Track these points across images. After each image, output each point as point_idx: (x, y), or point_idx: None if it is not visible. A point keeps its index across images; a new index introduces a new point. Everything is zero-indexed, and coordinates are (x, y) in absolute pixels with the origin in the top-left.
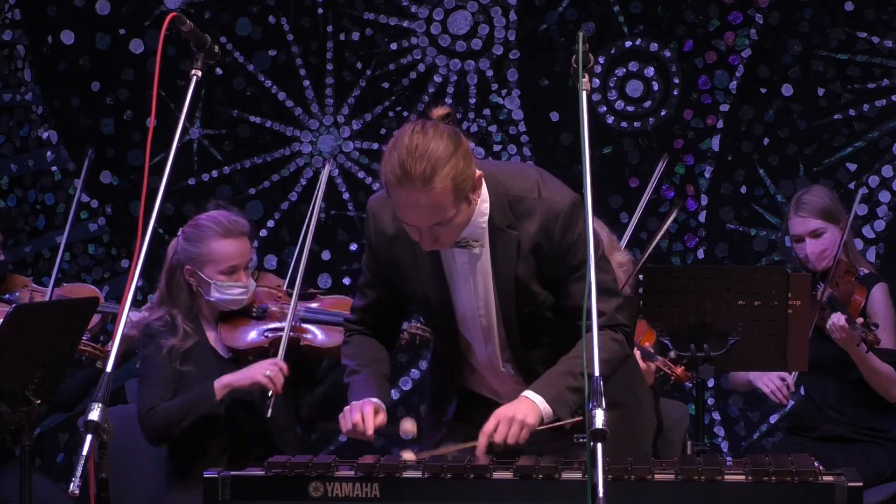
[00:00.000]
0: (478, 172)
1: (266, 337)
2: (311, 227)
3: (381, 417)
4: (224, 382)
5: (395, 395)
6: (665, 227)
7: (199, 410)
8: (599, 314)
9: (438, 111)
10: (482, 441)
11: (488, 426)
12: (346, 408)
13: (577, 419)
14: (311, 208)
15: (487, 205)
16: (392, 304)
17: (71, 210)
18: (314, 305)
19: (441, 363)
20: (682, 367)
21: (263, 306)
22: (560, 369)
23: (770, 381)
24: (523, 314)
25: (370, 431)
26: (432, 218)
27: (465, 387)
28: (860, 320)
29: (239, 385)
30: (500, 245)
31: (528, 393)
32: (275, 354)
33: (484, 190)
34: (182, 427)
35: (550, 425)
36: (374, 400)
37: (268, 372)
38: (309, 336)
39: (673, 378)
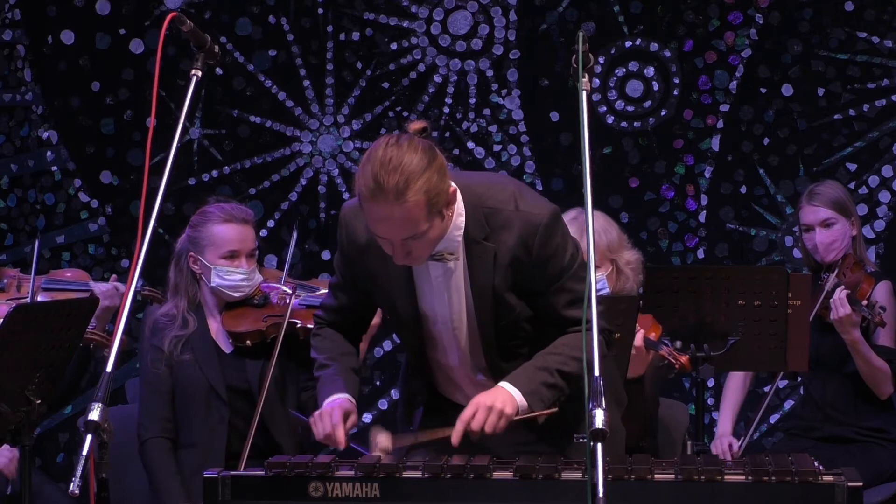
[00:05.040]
0: (452, 187)
1: (264, 321)
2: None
3: (352, 419)
4: None
5: (368, 418)
6: None
7: (154, 497)
8: (587, 322)
9: (414, 125)
10: (459, 428)
11: (466, 413)
12: (317, 413)
13: (550, 411)
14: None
15: (463, 218)
16: (361, 308)
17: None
18: (316, 294)
19: (414, 371)
20: (687, 357)
21: (265, 293)
22: (536, 364)
23: (720, 443)
24: (500, 326)
25: (342, 445)
26: (405, 232)
27: (441, 393)
28: (866, 302)
29: None
30: (476, 257)
31: (505, 384)
32: (274, 339)
33: (460, 202)
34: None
35: (524, 416)
36: (343, 398)
37: None
38: (309, 321)
39: (677, 367)
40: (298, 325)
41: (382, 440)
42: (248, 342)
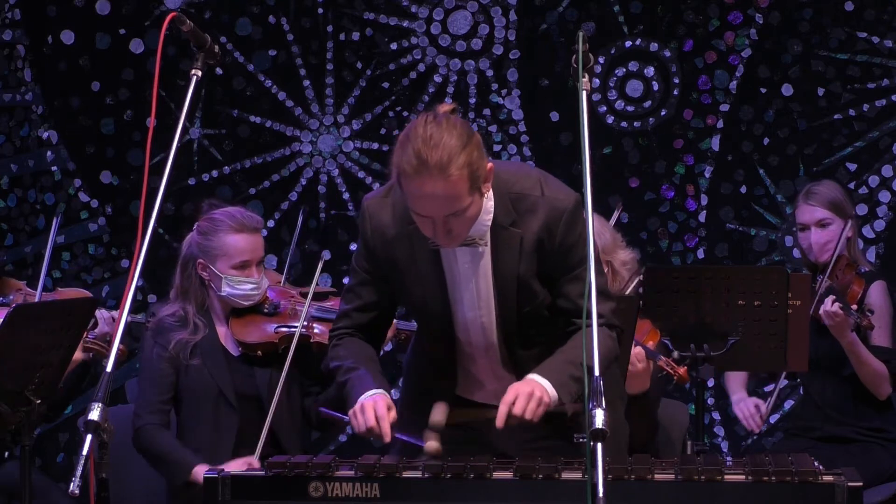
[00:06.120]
0: (489, 164)
1: (276, 332)
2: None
3: (393, 414)
4: (198, 477)
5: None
6: None
7: (169, 474)
8: (598, 316)
9: (444, 107)
10: (503, 410)
11: (508, 397)
12: (357, 406)
13: (578, 406)
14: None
15: (492, 203)
16: (385, 306)
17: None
18: (327, 304)
19: (431, 368)
20: (685, 368)
21: (275, 303)
22: (561, 358)
23: (745, 407)
24: (522, 313)
25: (388, 437)
26: (448, 207)
27: (459, 395)
28: (855, 306)
29: None
30: (502, 243)
31: (536, 376)
32: (285, 350)
33: (490, 188)
34: (153, 467)
35: (555, 409)
36: (380, 393)
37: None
38: (318, 332)
39: (676, 378)
40: (312, 341)
41: (432, 444)
42: (259, 352)
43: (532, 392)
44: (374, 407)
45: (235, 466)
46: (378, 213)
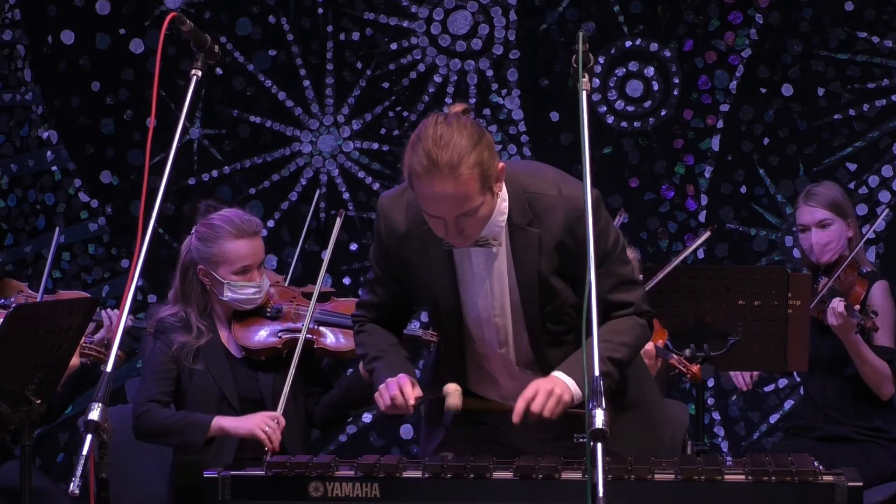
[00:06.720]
0: (501, 164)
1: (280, 338)
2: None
3: (418, 390)
4: (220, 425)
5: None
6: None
7: (186, 438)
8: (627, 304)
9: (457, 107)
10: (521, 405)
11: (527, 393)
12: (382, 385)
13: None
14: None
15: (507, 203)
16: (401, 301)
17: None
18: (329, 307)
19: (447, 365)
20: (698, 366)
21: (278, 306)
22: None
23: (740, 376)
24: (546, 312)
25: (411, 401)
26: (459, 207)
27: (471, 390)
28: (858, 307)
29: (234, 433)
30: (520, 243)
31: (559, 374)
32: (288, 355)
33: (503, 188)
34: (166, 442)
35: (576, 410)
36: (406, 375)
37: (266, 428)
38: (322, 339)
39: (689, 376)
40: (315, 346)
41: (453, 400)
42: (263, 357)
43: (552, 389)
44: (398, 381)
45: (259, 420)
46: (392, 211)
